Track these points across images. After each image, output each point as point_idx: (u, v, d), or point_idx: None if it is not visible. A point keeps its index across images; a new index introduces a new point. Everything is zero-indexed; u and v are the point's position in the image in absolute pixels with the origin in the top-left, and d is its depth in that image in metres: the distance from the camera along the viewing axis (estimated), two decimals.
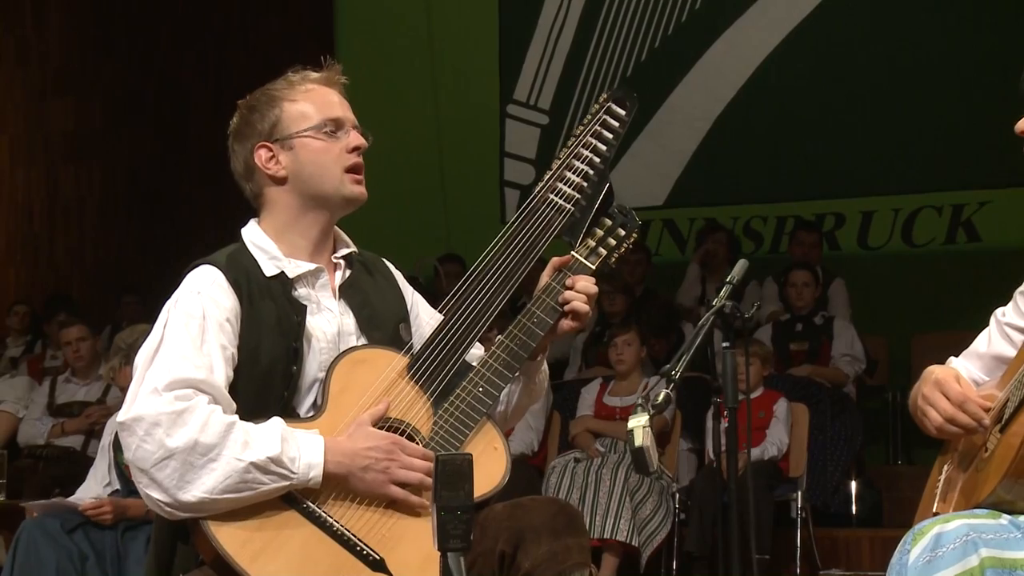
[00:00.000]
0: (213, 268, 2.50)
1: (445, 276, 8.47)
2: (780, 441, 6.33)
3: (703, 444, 6.65)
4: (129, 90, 10.63)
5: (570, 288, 2.59)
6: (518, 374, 2.59)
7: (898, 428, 7.70)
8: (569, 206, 2.60)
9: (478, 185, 9.83)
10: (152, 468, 2.31)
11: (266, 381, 2.47)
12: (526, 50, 9.78)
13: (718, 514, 5.35)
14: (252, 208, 2.64)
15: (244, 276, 2.50)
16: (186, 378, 2.35)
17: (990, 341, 2.50)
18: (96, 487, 4.94)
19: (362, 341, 2.57)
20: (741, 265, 2.95)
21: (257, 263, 2.54)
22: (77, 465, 6.47)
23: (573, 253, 2.63)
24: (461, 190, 9.83)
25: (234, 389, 2.43)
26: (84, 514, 4.75)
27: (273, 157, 2.55)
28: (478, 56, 9.95)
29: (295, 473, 2.35)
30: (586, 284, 2.59)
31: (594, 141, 2.63)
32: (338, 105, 2.59)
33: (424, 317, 2.71)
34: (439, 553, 2.03)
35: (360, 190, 2.59)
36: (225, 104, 2.66)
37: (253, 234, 2.59)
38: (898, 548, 2.12)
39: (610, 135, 2.63)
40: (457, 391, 2.50)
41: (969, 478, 2.31)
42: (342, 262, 2.64)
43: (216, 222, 2.68)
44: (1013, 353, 2.39)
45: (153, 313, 2.50)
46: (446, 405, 2.49)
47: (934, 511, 2.38)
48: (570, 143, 2.64)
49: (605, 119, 2.64)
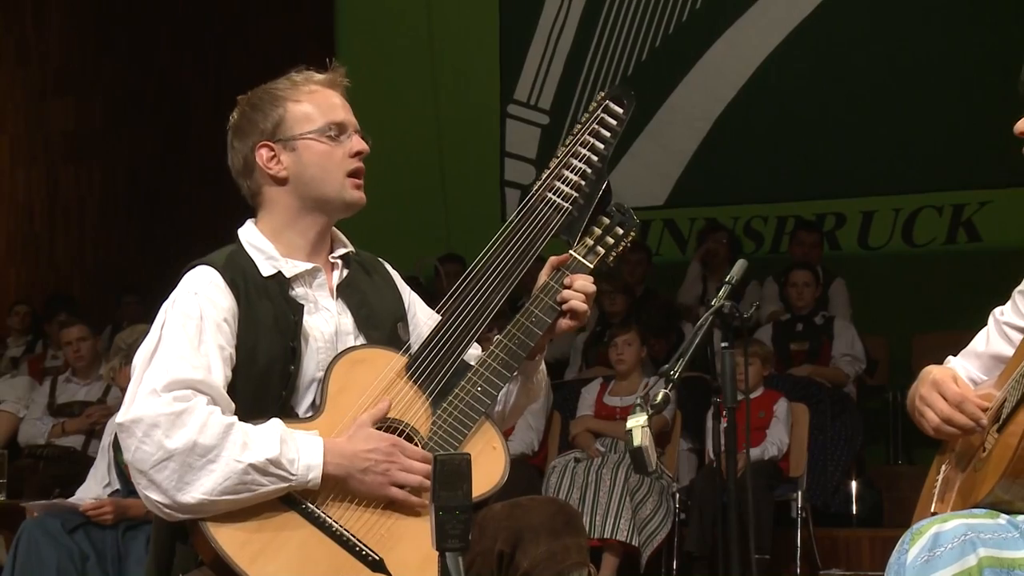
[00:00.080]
0: (210, 268, 2.49)
1: (445, 276, 8.47)
2: (780, 441, 6.33)
3: (703, 444, 6.65)
4: (129, 90, 10.63)
5: (568, 287, 2.58)
6: (516, 373, 2.58)
7: (898, 428, 7.68)
8: (567, 205, 2.60)
9: (478, 185, 9.83)
10: (151, 469, 2.31)
11: (264, 381, 2.46)
12: (527, 50, 9.77)
13: (718, 514, 5.35)
14: (251, 208, 2.64)
15: (241, 276, 2.49)
16: (184, 379, 2.35)
17: (988, 340, 2.49)
18: (96, 487, 4.94)
19: (360, 340, 2.56)
20: (740, 265, 2.95)
21: (254, 263, 2.53)
22: (77, 465, 6.46)
23: (571, 252, 2.62)
24: (461, 190, 9.83)
25: (232, 389, 2.42)
26: (85, 514, 4.75)
27: (275, 157, 2.55)
28: (479, 56, 9.95)
29: (294, 475, 2.34)
30: (584, 283, 2.58)
31: (592, 140, 2.63)
32: (341, 108, 2.59)
33: (421, 317, 2.71)
34: (437, 553, 2.03)
35: (360, 195, 2.59)
36: (225, 104, 2.65)
37: (250, 234, 2.58)
38: (896, 548, 2.12)
39: (608, 133, 2.63)
40: (456, 391, 2.50)
41: (967, 478, 2.30)
42: (339, 262, 2.63)
43: (216, 222, 2.67)
44: (1011, 352, 2.39)
45: (153, 313, 2.49)
46: (445, 405, 2.49)
47: (932, 511, 2.38)
48: (568, 141, 2.63)
49: (603, 117, 2.63)
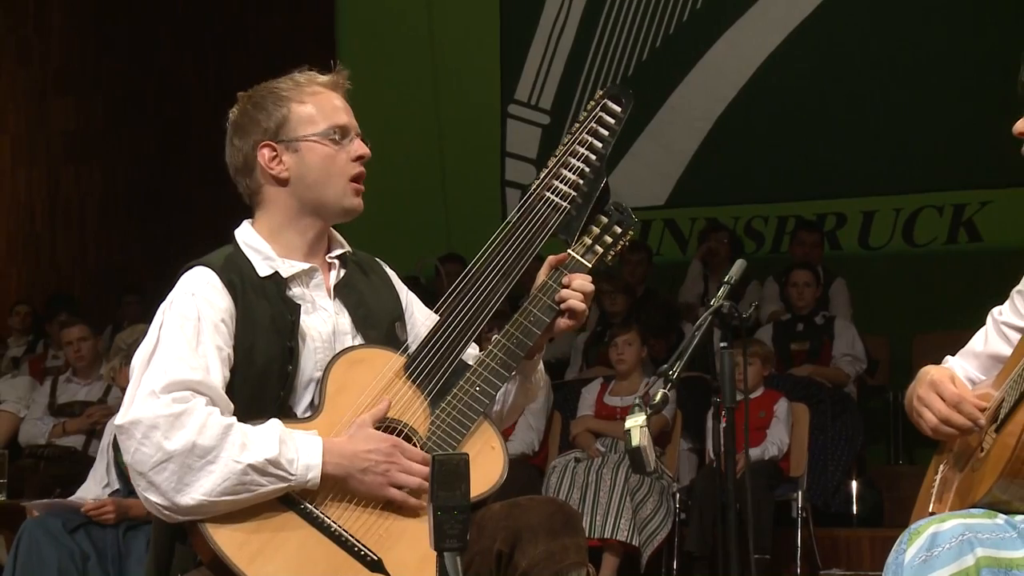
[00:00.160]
0: (207, 269, 2.49)
1: (446, 276, 8.46)
2: (780, 441, 6.33)
3: (703, 444, 6.65)
4: (130, 90, 10.64)
5: (566, 287, 2.58)
6: (515, 373, 2.58)
7: (899, 428, 7.68)
8: (565, 204, 2.59)
9: (479, 185, 9.83)
10: (150, 471, 2.31)
11: (262, 381, 2.46)
12: (527, 50, 9.77)
13: (718, 514, 5.34)
14: (249, 207, 2.63)
15: (238, 276, 2.49)
16: (183, 380, 2.35)
17: (987, 340, 2.49)
18: (96, 488, 4.94)
19: (358, 340, 2.56)
20: (739, 265, 2.95)
21: (251, 263, 2.53)
22: (78, 465, 6.46)
23: (569, 251, 2.62)
24: (462, 190, 9.83)
25: (230, 389, 2.42)
26: (87, 514, 4.75)
27: (276, 157, 2.54)
28: (479, 56, 9.95)
29: (293, 475, 2.34)
30: (582, 283, 2.58)
31: (590, 139, 2.62)
32: (344, 111, 2.58)
33: (419, 317, 2.71)
34: (436, 553, 2.03)
35: (359, 202, 2.58)
36: (226, 104, 2.64)
37: (246, 235, 2.58)
38: (894, 548, 2.12)
39: (606, 132, 2.62)
40: (454, 390, 2.49)
41: (965, 478, 2.30)
42: (336, 262, 2.63)
43: (217, 221, 2.67)
44: (1009, 352, 2.39)
45: (154, 313, 2.49)
46: (443, 404, 2.49)
47: (930, 511, 2.38)
48: (566, 141, 2.63)
49: (601, 116, 2.63)
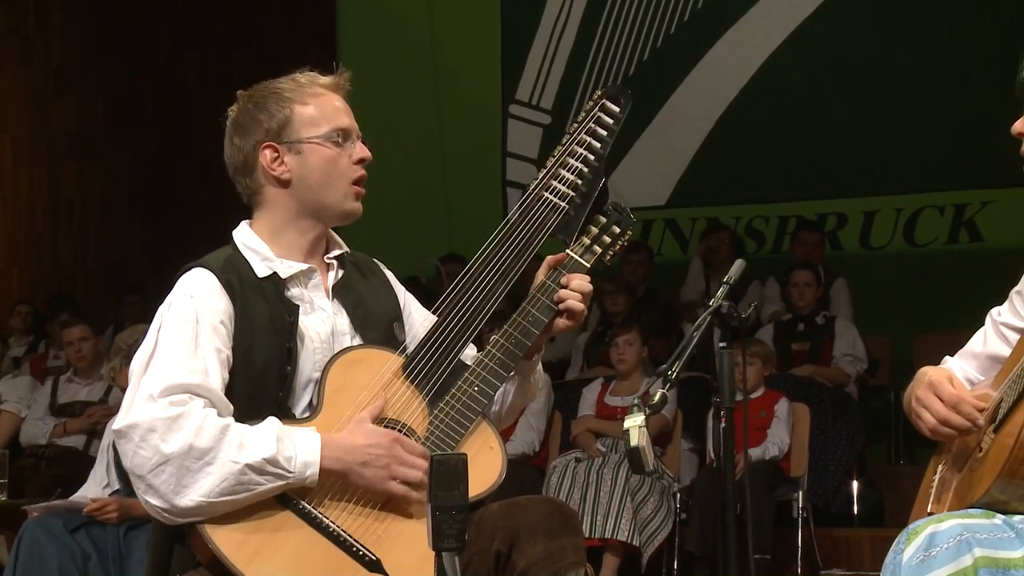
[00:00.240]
0: (205, 271, 2.49)
1: (447, 276, 8.46)
2: (781, 441, 6.32)
3: (704, 444, 6.65)
4: (131, 90, 10.65)
5: (565, 287, 2.58)
6: (513, 373, 2.58)
7: (900, 428, 7.67)
8: (564, 204, 2.59)
9: (480, 185, 9.83)
10: (149, 474, 2.31)
11: (261, 382, 2.46)
12: (528, 50, 9.77)
13: (719, 514, 5.35)
14: (247, 207, 2.62)
15: (236, 277, 2.49)
16: (181, 383, 2.35)
17: (986, 340, 2.50)
18: (96, 488, 4.94)
19: (356, 341, 2.56)
20: (738, 265, 2.94)
21: (249, 264, 2.53)
22: (79, 465, 6.46)
23: (568, 251, 2.62)
24: (463, 190, 9.83)
25: (229, 391, 2.42)
26: (89, 513, 4.76)
27: (278, 158, 2.53)
28: (480, 56, 9.95)
29: (291, 472, 2.34)
30: (581, 283, 2.58)
31: (588, 139, 2.62)
32: (346, 114, 2.58)
33: (417, 318, 2.71)
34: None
35: (359, 206, 2.59)
36: (227, 104, 2.63)
37: (244, 236, 2.58)
38: (892, 548, 2.12)
39: (604, 132, 2.62)
40: (453, 390, 2.49)
41: (963, 478, 2.30)
42: (334, 262, 2.63)
43: (218, 221, 2.67)
44: (1008, 353, 2.39)
45: (154, 313, 2.49)
46: (442, 404, 2.49)
47: (928, 511, 2.38)
48: (564, 141, 2.63)
49: (599, 116, 2.63)
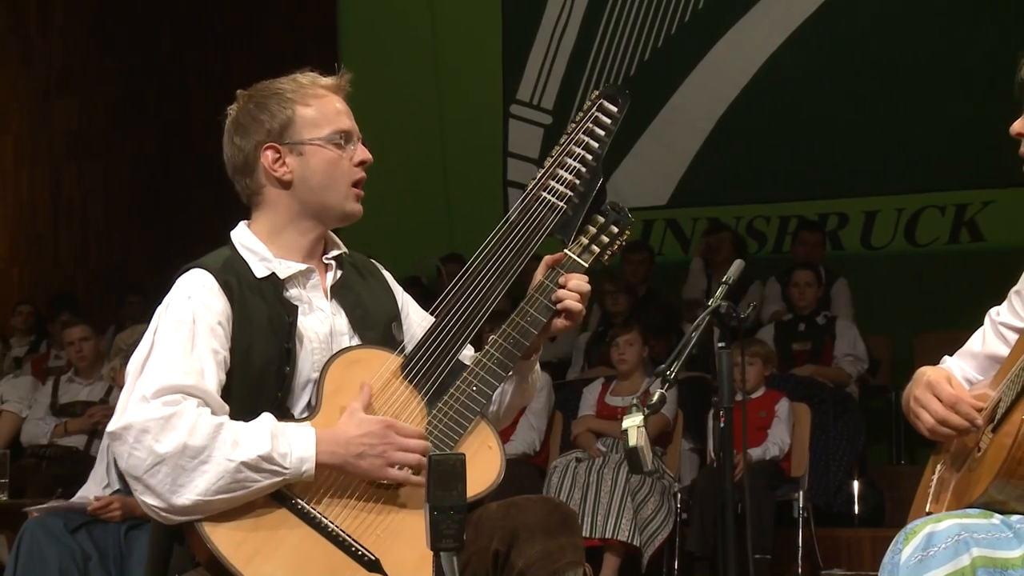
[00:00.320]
0: (203, 271, 2.49)
1: (448, 276, 8.46)
2: (782, 441, 6.33)
3: (705, 444, 6.64)
4: (132, 90, 10.65)
5: (563, 286, 2.58)
6: (512, 374, 2.59)
7: (901, 428, 7.66)
8: (562, 204, 2.60)
9: (481, 185, 9.82)
10: (144, 475, 2.31)
11: (259, 382, 2.46)
12: (529, 50, 9.77)
13: (719, 514, 5.35)
14: (246, 207, 2.62)
15: (235, 278, 2.49)
16: (175, 384, 2.35)
17: (984, 340, 2.50)
18: (96, 488, 4.93)
19: (355, 341, 2.56)
20: (737, 265, 2.94)
21: (247, 265, 2.53)
22: (80, 465, 6.47)
23: (566, 251, 2.62)
24: (464, 190, 9.82)
25: (228, 391, 2.42)
26: (92, 512, 4.76)
27: (280, 159, 2.53)
28: (481, 56, 9.95)
29: (287, 468, 2.35)
30: (579, 283, 2.58)
31: (586, 139, 2.62)
32: (347, 115, 2.58)
33: (414, 319, 2.71)
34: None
35: (359, 208, 2.59)
36: (228, 104, 2.63)
37: (242, 236, 2.57)
38: (890, 548, 2.12)
39: (602, 132, 2.62)
40: (451, 390, 2.50)
41: (961, 478, 2.30)
42: (333, 263, 2.63)
43: (219, 221, 2.67)
44: (1007, 352, 2.39)
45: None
46: (440, 404, 2.49)
47: (927, 511, 2.38)
48: (562, 140, 2.63)
49: (597, 116, 2.63)
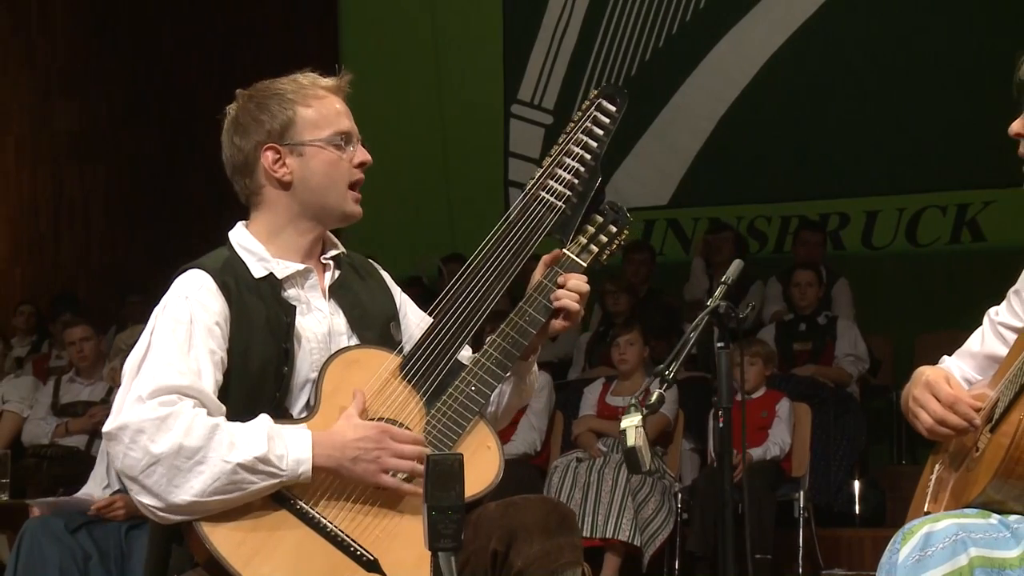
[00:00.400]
0: (201, 272, 2.49)
1: (449, 276, 8.44)
2: (782, 441, 6.33)
3: (705, 444, 6.64)
4: (134, 90, 10.66)
5: (562, 286, 2.58)
6: (510, 374, 2.58)
7: (902, 428, 7.66)
8: (560, 204, 2.59)
9: (482, 185, 9.83)
10: (140, 475, 2.31)
11: (258, 383, 2.46)
12: (530, 50, 9.77)
13: (719, 514, 5.35)
14: (245, 207, 2.62)
15: (233, 279, 2.49)
16: (171, 385, 2.35)
17: (983, 340, 2.50)
18: (96, 488, 4.95)
19: (353, 341, 2.56)
20: (736, 265, 2.93)
21: (245, 265, 2.53)
22: (81, 464, 6.47)
23: (565, 250, 2.62)
24: (465, 190, 9.83)
25: (226, 392, 2.42)
26: (97, 512, 4.76)
27: (280, 160, 2.53)
28: (482, 56, 9.95)
29: (284, 470, 2.34)
30: (577, 282, 2.58)
31: (585, 138, 2.62)
32: (346, 117, 2.58)
33: (412, 319, 2.70)
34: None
35: (358, 209, 2.59)
36: (230, 103, 2.64)
37: (240, 236, 2.57)
38: (888, 548, 2.12)
39: (601, 132, 2.62)
40: (450, 390, 2.50)
41: (960, 478, 2.30)
42: (331, 263, 2.62)
43: (221, 222, 2.67)
44: (1005, 352, 2.39)
45: None
46: (439, 404, 2.49)
47: (925, 511, 2.38)
48: (561, 140, 2.62)
49: (596, 116, 2.63)
